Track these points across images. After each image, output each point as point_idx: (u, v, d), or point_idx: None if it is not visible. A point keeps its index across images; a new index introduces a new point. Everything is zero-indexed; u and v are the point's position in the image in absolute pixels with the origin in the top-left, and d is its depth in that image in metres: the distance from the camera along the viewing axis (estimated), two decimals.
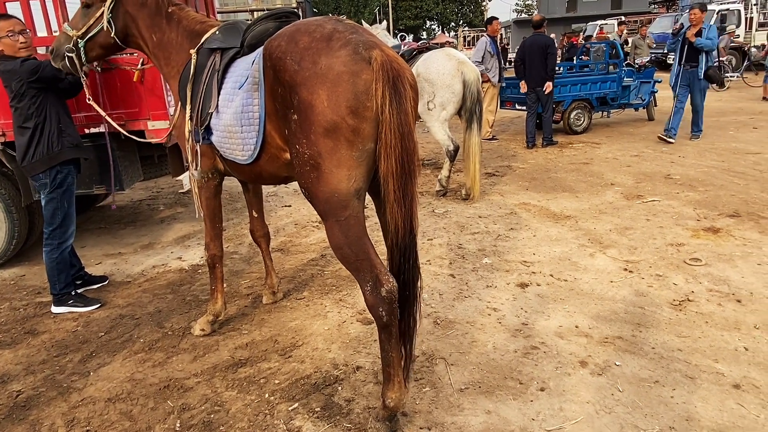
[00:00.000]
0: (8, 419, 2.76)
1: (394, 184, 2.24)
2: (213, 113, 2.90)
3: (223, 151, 2.96)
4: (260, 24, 2.90)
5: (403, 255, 2.38)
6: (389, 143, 2.21)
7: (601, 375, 2.83)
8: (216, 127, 2.91)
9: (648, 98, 10.06)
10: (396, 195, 2.25)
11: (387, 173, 2.24)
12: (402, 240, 2.34)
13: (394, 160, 2.22)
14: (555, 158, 7.92)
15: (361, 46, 2.24)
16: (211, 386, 2.92)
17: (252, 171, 2.90)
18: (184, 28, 3.23)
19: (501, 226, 5.15)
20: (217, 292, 3.49)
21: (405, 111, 2.24)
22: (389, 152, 2.22)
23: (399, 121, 2.21)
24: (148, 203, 6.93)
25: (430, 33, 48.17)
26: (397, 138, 2.21)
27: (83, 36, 3.36)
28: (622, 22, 15.59)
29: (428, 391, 2.76)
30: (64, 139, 3.74)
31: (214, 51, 2.99)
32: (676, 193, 5.84)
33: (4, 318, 3.90)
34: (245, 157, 2.77)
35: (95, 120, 4.18)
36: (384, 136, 2.21)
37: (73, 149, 3.81)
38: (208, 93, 2.93)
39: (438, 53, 6.07)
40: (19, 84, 3.60)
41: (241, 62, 2.85)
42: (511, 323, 3.38)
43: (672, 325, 3.28)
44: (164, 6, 3.26)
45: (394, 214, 2.28)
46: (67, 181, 3.78)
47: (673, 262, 4.15)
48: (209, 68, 2.97)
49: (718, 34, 8.12)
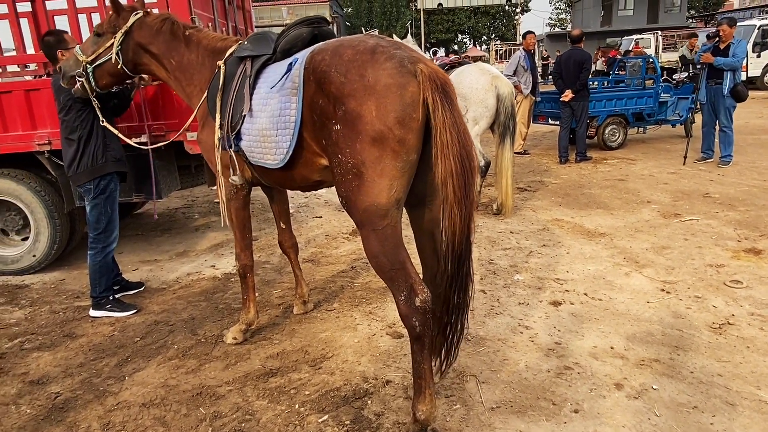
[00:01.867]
0: (47, 420, 2.84)
1: (454, 184, 2.23)
2: (246, 117, 2.92)
3: (252, 156, 2.98)
4: (293, 29, 2.95)
5: (458, 261, 2.35)
6: (446, 142, 2.21)
7: (638, 398, 2.76)
8: (248, 131, 2.94)
9: (686, 114, 9.84)
10: (457, 195, 2.24)
11: (446, 174, 2.23)
12: (459, 245, 2.32)
13: (452, 158, 2.21)
14: (589, 174, 7.81)
15: (406, 60, 2.29)
16: (242, 395, 2.95)
17: (282, 175, 2.92)
18: (205, 47, 3.33)
19: (533, 242, 5.09)
20: (249, 302, 3.53)
21: (458, 111, 2.27)
22: (447, 152, 2.21)
23: (453, 120, 2.23)
24: (183, 211, 7.08)
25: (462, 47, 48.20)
26: (454, 136, 2.22)
27: (92, 62, 3.48)
28: (693, 35, 14.64)
29: (459, 408, 2.74)
30: (108, 153, 3.91)
31: (244, 59, 3.05)
32: (715, 212, 5.68)
33: (44, 321, 4.02)
34: (276, 161, 2.78)
35: (136, 131, 4.30)
36: (440, 137, 2.21)
37: (116, 163, 3.97)
38: (239, 98, 2.98)
39: (471, 68, 6.07)
40: (67, 98, 3.75)
41: (275, 67, 2.89)
42: (543, 342, 3.33)
43: (711, 349, 3.18)
44: (180, 31, 3.38)
45: (453, 217, 2.26)
46: (109, 187, 3.92)
47: (712, 283, 4.03)
48: (239, 75, 3.02)
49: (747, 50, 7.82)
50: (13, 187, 4.71)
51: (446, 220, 2.30)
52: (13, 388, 3.15)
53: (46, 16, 4.57)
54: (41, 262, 4.89)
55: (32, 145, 4.47)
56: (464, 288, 2.43)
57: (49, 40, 3.90)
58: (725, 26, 7.53)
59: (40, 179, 4.73)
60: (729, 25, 7.53)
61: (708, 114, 7.83)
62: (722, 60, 7.37)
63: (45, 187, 4.73)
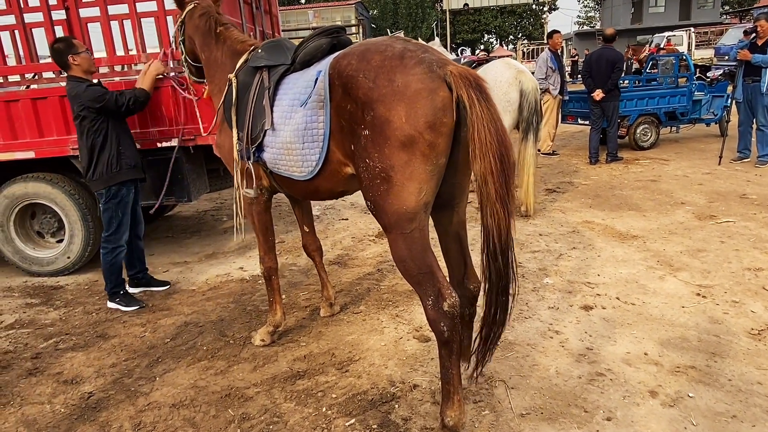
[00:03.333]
0: (80, 420, 2.89)
1: (494, 182, 2.19)
2: (268, 130, 2.92)
3: (277, 168, 2.98)
4: (313, 41, 2.93)
5: (504, 258, 2.31)
6: (484, 139, 2.16)
7: (673, 406, 2.68)
8: (272, 144, 2.93)
9: (721, 113, 9.57)
10: (499, 193, 2.20)
11: (485, 172, 2.18)
12: (504, 243, 2.28)
13: (491, 156, 2.17)
14: (620, 175, 7.65)
15: (435, 64, 2.26)
16: (270, 397, 2.96)
17: (308, 187, 2.91)
18: (228, 47, 3.40)
19: (563, 244, 5.00)
20: (276, 304, 3.55)
21: (495, 107, 2.22)
22: (485, 150, 2.17)
23: (491, 116, 2.19)
24: (212, 214, 7.17)
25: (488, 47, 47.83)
26: (492, 133, 2.17)
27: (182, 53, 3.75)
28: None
29: (488, 414, 2.69)
30: (123, 161, 4.03)
31: (260, 69, 3.06)
32: (752, 213, 5.50)
33: (78, 321, 4.11)
34: (304, 173, 2.78)
35: (166, 135, 4.37)
36: (478, 134, 2.17)
37: (130, 170, 4.08)
38: (258, 111, 2.98)
39: (497, 62, 6.05)
40: (80, 107, 3.87)
41: (296, 79, 2.87)
42: (574, 347, 3.26)
43: (750, 356, 3.07)
44: (213, 27, 3.47)
45: (496, 216, 2.22)
46: (121, 193, 4.07)
47: (750, 287, 3.90)
48: (256, 86, 3.03)
49: None
50: (48, 191, 4.84)
51: (488, 219, 2.25)
52: (48, 387, 3.23)
53: (80, 23, 4.67)
54: (75, 263, 5.01)
55: (67, 149, 4.59)
56: (506, 288, 2.39)
57: (59, 47, 3.96)
58: (763, 21, 7.28)
59: (73, 182, 4.84)
60: (767, 20, 7.28)
61: (744, 113, 7.60)
62: (761, 57, 7.13)
63: (78, 190, 4.84)
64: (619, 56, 8.29)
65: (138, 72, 5.10)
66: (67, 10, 4.66)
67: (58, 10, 4.67)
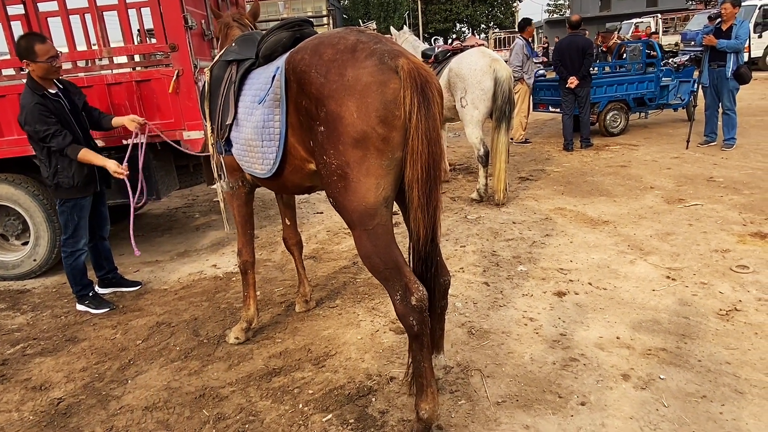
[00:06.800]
0: (50, 426, 2.82)
1: (418, 190, 2.23)
2: (233, 126, 2.94)
3: (242, 164, 3.01)
4: (273, 34, 2.88)
5: (425, 263, 2.37)
6: (416, 150, 2.20)
7: (645, 389, 2.72)
8: (236, 140, 2.96)
9: (687, 98, 9.74)
10: (420, 201, 2.24)
11: (412, 180, 2.23)
12: (423, 247, 2.33)
13: (420, 166, 2.21)
14: (591, 161, 7.74)
15: (387, 55, 2.23)
16: (245, 395, 2.93)
17: (273, 183, 2.93)
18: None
19: (536, 232, 5.04)
20: (250, 299, 3.51)
21: (433, 116, 2.23)
22: (416, 158, 2.21)
23: (427, 127, 2.20)
24: (183, 211, 7.05)
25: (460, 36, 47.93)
26: (425, 144, 2.20)
27: None
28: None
29: (464, 403, 2.71)
30: (80, 174, 3.90)
31: (231, 63, 3.06)
32: (719, 196, 5.62)
33: (46, 325, 4.00)
34: (264, 171, 2.79)
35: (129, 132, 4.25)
36: (411, 143, 2.20)
37: (86, 187, 3.99)
38: (226, 105, 2.99)
39: (473, 51, 6.08)
40: (23, 122, 3.74)
41: (258, 74, 2.86)
42: (548, 334, 3.29)
43: (719, 337, 3.14)
44: (224, 31, 3.59)
45: (417, 221, 2.28)
46: (75, 199, 3.97)
47: (718, 269, 3.99)
48: (226, 80, 3.03)
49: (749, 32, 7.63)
50: (11, 192, 4.69)
51: (410, 223, 2.32)
52: (15, 394, 3.14)
53: (38, 18, 4.50)
54: (42, 266, 4.87)
55: (29, 149, 4.42)
56: (433, 291, 2.43)
57: (19, 46, 3.77)
58: (728, 5, 7.28)
59: (37, 183, 4.70)
60: (732, 4, 7.28)
61: (711, 97, 7.73)
62: (725, 42, 7.23)
63: (43, 191, 4.70)
64: (589, 42, 8.38)
65: (102, 67, 4.98)
66: (24, 4, 4.48)
67: (16, 5, 4.49)
